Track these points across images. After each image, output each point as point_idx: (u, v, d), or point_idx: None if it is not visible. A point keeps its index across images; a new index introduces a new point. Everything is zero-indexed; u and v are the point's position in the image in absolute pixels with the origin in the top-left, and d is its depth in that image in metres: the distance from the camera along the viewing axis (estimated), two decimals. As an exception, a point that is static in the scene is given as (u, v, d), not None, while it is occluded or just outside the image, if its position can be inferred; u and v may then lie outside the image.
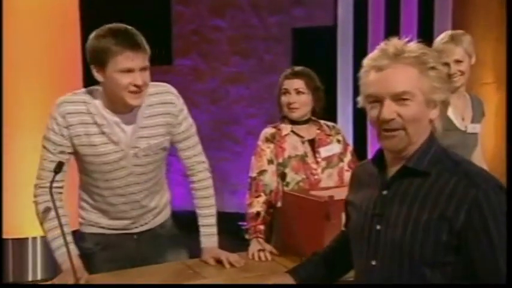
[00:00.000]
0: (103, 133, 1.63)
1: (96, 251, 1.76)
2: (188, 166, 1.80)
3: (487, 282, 1.07)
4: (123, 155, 1.66)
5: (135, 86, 1.56)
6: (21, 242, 3.32)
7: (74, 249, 1.63)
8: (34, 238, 3.32)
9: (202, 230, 1.80)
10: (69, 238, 1.64)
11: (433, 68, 1.13)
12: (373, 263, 1.17)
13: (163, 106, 1.68)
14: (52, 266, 3.35)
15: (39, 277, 3.34)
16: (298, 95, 2.02)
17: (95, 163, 1.66)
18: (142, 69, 1.57)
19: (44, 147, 1.66)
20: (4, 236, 3.27)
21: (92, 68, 1.59)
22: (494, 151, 3.59)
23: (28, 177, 3.21)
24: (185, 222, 1.95)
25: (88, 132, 1.63)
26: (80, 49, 3.52)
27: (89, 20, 3.60)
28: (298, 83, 2.02)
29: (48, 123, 1.65)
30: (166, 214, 1.88)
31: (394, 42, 1.15)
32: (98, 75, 1.59)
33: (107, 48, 1.53)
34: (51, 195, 1.50)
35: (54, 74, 3.34)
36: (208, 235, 1.79)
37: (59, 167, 1.56)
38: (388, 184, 1.18)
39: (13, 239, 3.30)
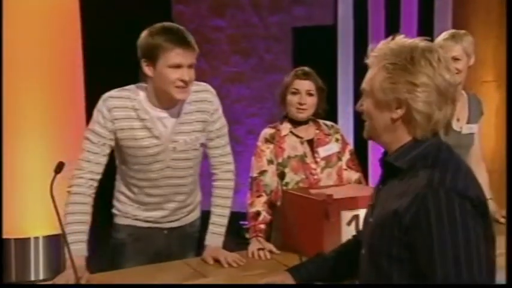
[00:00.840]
0: (146, 127, 1.73)
1: (128, 242, 1.84)
2: (214, 165, 1.87)
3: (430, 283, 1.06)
4: (162, 149, 1.75)
5: (182, 81, 1.66)
6: (23, 242, 3.33)
7: (83, 250, 1.67)
8: (36, 238, 3.34)
9: (211, 227, 1.84)
10: (82, 237, 1.67)
11: (385, 67, 1.14)
12: (363, 251, 1.24)
13: (202, 103, 1.79)
14: (54, 265, 3.37)
15: (41, 277, 3.35)
16: (308, 97, 2.04)
17: (136, 155, 1.75)
18: (190, 66, 1.68)
19: (87, 138, 1.73)
20: (6, 236, 3.28)
21: (143, 62, 1.69)
22: (494, 150, 3.59)
23: (30, 177, 3.23)
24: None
25: (132, 127, 1.72)
26: (81, 49, 3.53)
27: (90, 20, 3.62)
28: (309, 85, 2.05)
29: (94, 116, 1.74)
30: (197, 213, 1.95)
31: (385, 40, 1.18)
32: (147, 70, 1.69)
33: (159, 45, 1.64)
34: (51, 194, 1.51)
35: (54, 74, 3.35)
36: (215, 234, 1.83)
37: (59, 168, 1.57)
38: (384, 179, 1.22)
39: (15, 239, 3.31)
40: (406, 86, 1.12)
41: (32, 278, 3.33)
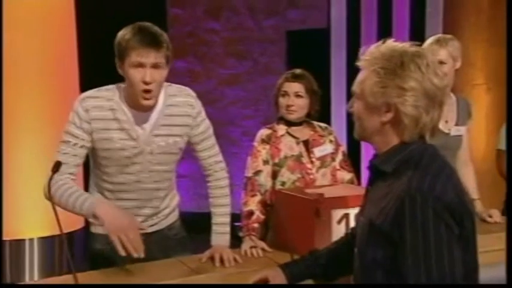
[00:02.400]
0: (123, 129, 1.68)
1: (106, 251, 1.76)
2: (206, 166, 1.84)
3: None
4: (139, 151, 1.70)
5: (144, 82, 1.60)
6: (18, 244, 3.33)
7: (100, 198, 1.70)
8: (31, 240, 3.33)
9: (214, 227, 1.81)
10: (89, 195, 1.66)
11: (375, 72, 1.16)
12: (356, 250, 1.26)
13: (183, 107, 1.74)
14: (49, 267, 3.37)
15: (36, 278, 3.34)
16: (297, 98, 2.07)
17: (110, 158, 1.71)
18: (154, 66, 1.60)
19: (63, 140, 1.69)
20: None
21: (116, 61, 1.66)
22: (485, 152, 3.64)
23: (25, 178, 3.24)
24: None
25: (108, 127, 1.67)
26: (76, 51, 3.55)
27: (85, 22, 3.64)
28: (298, 87, 2.07)
29: (70, 116, 1.69)
30: (174, 216, 1.91)
31: (376, 44, 1.21)
32: (119, 69, 1.66)
33: (125, 44, 1.60)
34: (49, 192, 1.52)
35: (52, 75, 3.36)
36: (220, 233, 1.80)
37: (56, 167, 1.58)
38: (372, 181, 1.26)
39: (10, 241, 3.31)
40: (396, 90, 1.15)
41: (27, 280, 3.33)
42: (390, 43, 1.19)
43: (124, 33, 1.63)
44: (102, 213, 1.59)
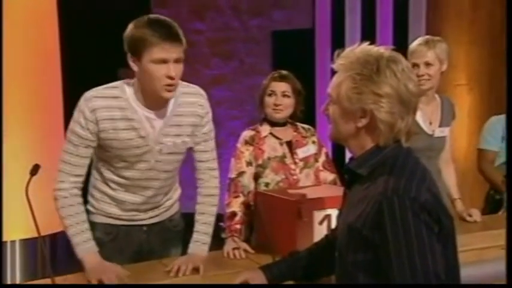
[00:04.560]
0: (132, 128, 1.65)
1: (106, 241, 1.77)
2: (200, 170, 1.80)
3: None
4: (148, 150, 1.69)
5: (169, 77, 1.57)
6: (-1, 246, 3.29)
7: (95, 246, 1.66)
8: (13, 242, 3.30)
9: (195, 235, 1.77)
10: (89, 235, 1.67)
11: (351, 77, 1.17)
12: (336, 254, 1.27)
13: (193, 106, 1.72)
14: (31, 269, 3.33)
15: (18, 281, 3.31)
16: (284, 98, 2.09)
17: (118, 155, 1.69)
18: (176, 60, 1.58)
19: (69, 140, 1.66)
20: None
21: (128, 57, 1.61)
22: (467, 151, 3.70)
23: (6, 180, 3.19)
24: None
25: (116, 127, 1.64)
26: (59, 52, 3.51)
27: (68, 22, 3.60)
28: (286, 86, 2.09)
29: (75, 116, 1.65)
30: (175, 208, 1.91)
31: (351, 47, 1.22)
32: (133, 65, 1.61)
33: (143, 38, 1.55)
34: (27, 196, 1.50)
35: (35, 76, 3.32)
36: (199, 242, 1.75)
37: (35, 170, 1.56)
38: (349, 184, 1.27)
39: (-9, 243, 3.27)
40: (371, 96, 1.16)
41: (9, 282, 3.29)
42: (365, 47, 1.20)
43: (139, 28, 1.58)
44: (88, 262, 1.61)
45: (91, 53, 3.95)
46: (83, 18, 4.10)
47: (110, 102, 1.64)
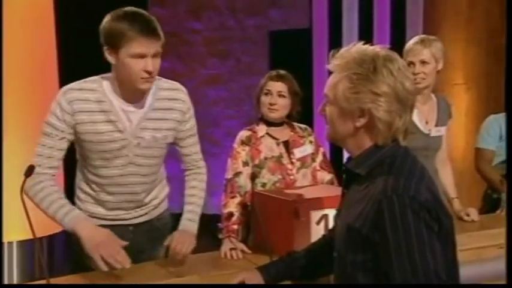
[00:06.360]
0: (109, 121, 1.65)
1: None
2: (189, 162, 1.84)
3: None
4: (125, 144, 1.68)
5: (146, 72, 1.58)
6: (-4, 247, 3.28)
7: (81, 213, 1.65)
8: (10, 243, 3.29)
9: (185, 214, 1.78)
10: (71, 206, 1.63)
11: (348, 77, 1.17)
12: (335, 254, 1.27)
13: (173, 102, 1.73)
14: (28, 270, 3.32)
15: (15, 281, 3.30)
16: (279, 98, 2.08)
17: (97, 150, 1.68)
18: (155, 55, 1.59)
19: (44, 132, 1.65)
20: (-21, 241, 3.22)
21: (105, 49, 1.60)
22: (464, 151, 3.70)
23: (4, 182, 3.18)
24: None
25: (93, 120, 1.64)
26: (56, 50, 3.50)
27: (64, 20, 3.59)
28: (282, 86, 2.09)
29: (52, 108, 1.64)
30: (163, 207, 1.89)
31: (346, 47, 1.21)
32: (110, 58, 1.61)
33: (122, 33, 1.55)
34: (22, 198, 1.49)
35: (32, 75, 3.31)
36: (190, 220, 1.77)
37: (30, 171, 1.54)
38: (347, 184, 1.27)
39: (-12, 244, 3.26)
40: (369, 95, 1.16)
41: (6, 283, 3.28)
42: (360, 46, 1.20)
43: (116, 21, 1.57)
44: (82, 229, 1.57)
45: (88, 52, 3.93)
46: (80, 18, 4.08)
47: (87, 95, 1.64)
